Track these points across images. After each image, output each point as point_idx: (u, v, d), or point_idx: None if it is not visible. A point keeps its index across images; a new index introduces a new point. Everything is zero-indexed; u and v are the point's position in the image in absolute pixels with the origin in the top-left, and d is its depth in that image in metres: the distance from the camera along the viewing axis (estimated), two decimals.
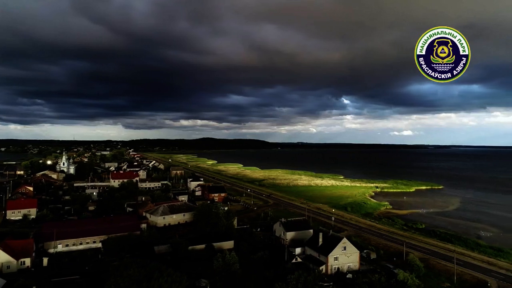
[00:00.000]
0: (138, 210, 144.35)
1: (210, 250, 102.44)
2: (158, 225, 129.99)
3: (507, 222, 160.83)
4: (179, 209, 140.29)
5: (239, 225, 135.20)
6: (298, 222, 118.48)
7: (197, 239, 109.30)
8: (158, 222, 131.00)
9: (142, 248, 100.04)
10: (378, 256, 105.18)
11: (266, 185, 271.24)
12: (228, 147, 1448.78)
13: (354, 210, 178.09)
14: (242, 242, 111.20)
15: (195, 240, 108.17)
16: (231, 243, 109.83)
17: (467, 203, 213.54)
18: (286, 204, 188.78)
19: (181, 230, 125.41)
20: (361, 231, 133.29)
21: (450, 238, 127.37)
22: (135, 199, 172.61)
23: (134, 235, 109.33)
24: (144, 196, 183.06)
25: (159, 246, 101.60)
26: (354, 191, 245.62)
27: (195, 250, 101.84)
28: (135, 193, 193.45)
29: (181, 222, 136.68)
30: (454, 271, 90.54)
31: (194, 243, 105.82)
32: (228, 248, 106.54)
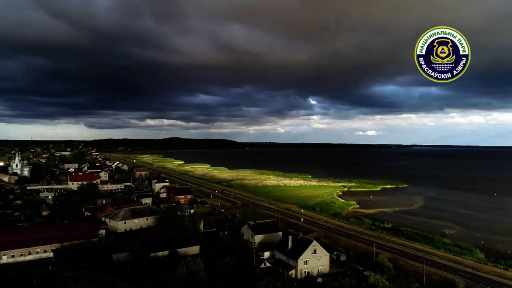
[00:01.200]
0: (96, 214, 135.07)
1: (174, 257, 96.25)
2: (118, 230, 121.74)
3: (467, 219, 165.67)
4: (141, 213, 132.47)
5: (205, 228, 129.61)
6: (266, 225, 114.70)
7: (160, 245, 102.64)
8: (118, 227, 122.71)
9: (99, 257, 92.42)
10: (348, 258, 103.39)
11: (234, 186, 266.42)
12: (196, 147, 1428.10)
13: (322, 210, 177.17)
14: (209, 246, 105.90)
15: (158, 246, 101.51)
16: (197, 248, 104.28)
17: (430, 201, 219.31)
18: (255, 205, 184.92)
19: (144, 236, 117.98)
20: (330, 232, 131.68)
21: (416, 237, 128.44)
22: (95, 203, 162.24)
23: (90, 242, 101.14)
24: (104, 199, 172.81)
25: (118, 254, 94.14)
26: (322, 190, 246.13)
27: (157, 257, 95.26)
28: (95, 196, 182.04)
29: (143, 226, 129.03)
30: (423, 271, 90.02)
31: (157, 249, 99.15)
32: (194, 254, 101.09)
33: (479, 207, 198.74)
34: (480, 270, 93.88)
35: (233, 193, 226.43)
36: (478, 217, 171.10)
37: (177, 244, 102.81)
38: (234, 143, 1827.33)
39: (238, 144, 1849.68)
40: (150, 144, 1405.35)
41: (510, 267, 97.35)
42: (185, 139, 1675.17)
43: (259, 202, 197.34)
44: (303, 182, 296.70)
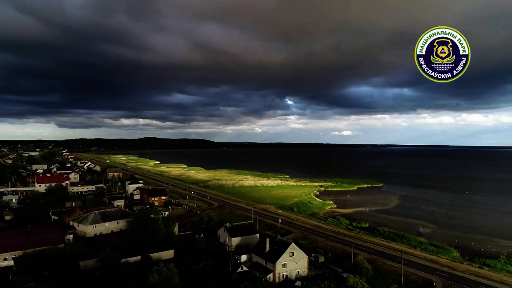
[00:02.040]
0: (64, 218, 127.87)
1: (146, 262, 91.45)
2: (87, 235, 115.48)
3: (441, 218, 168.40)
4: (112, 216, 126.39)
5: (180, 231, 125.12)
6: (244, 227, 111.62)
7: (131, 250, 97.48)
8: (87, 232, 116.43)
9: (65, 264, 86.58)
10: (326, 259, 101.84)
11: (211, 187, 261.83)
12: (172, 147, 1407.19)
13: (300, 210, 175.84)
14: (184, 250, 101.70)
15: (130, 251, 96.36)
16: (171, 252, 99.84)
17: (405, 200, 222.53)
18: (232, 206, 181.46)
19: (114, 240, 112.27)
20: (308, 233, 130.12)
21: (393, 236, 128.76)
22: (63, 206, 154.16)
23: (56, 249, 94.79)
24: (74, 201, 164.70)
25: (86, 260, 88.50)
26: (299, 190, 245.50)
27: (129, 263, 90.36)
28: (64, 199, 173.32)
29: (115, 230, 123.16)
30: (401, 272, 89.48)
31: (128, 254, 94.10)
32: (168, 259, 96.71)
33: (452, 206, 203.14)
34: (456, 269, 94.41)
35: (210, 194, 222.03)
36: (451, 216, 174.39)
37: (150, 249, 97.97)
38: (211, 143, 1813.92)
39: (215, 144, 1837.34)
40: (124, 144, 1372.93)
41: (485, 266, 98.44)
42: (161, 139, 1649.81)
43: (236, 203, 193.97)
44: (281, 182, 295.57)
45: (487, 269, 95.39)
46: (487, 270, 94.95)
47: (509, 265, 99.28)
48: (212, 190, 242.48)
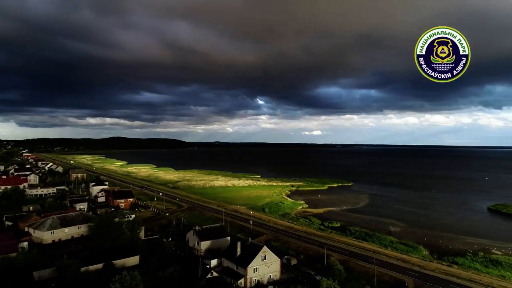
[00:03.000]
0: (18, 224, 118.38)
1: (109, 270, 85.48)
2: (44, 242, 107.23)
3: (409, 216, 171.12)
4: (73, 221, 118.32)
5: (147, 235, 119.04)
6: (214, 230, 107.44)
7: (93, 258, 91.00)
8: (44, 239, 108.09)
9: (18, 275, 79.07)
10: (299, 261, 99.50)
11: (181, 187, 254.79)
12: (141, 147, 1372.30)
13: (271, 211, 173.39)
14: (150, 256, 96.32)
15: (91, 259, 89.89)
16: (136, 258, 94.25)
17: (374, 198, 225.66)
18: (202, 208, 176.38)
19: (75, 247, 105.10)
20: (280, 234, 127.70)
21: (364, 236, 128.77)
22: (19, 210, 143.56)
23: (7, 258, 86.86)
24: (32, 205, 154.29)
25: (41, 270, 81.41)
26: (271, 190, 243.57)
27: (89, 272, 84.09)
28: (20, 203, 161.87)
29: (75, 236, 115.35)
30: (373, 272, 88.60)
31: (89, 262, 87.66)
32: (133, 265, 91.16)
33: (419, 204, 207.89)
34: (427, 268, 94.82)
35: (179, 195, 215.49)
36: (419, 214, 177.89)
37: (113, 255, 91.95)
38: (182, 143, 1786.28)
39: (186, 143, 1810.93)
40: (90, 144, 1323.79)
41: (453, 264, 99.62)
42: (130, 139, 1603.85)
43: (206, 204, 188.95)
44: (252, 182, 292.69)
45: (456, 267, 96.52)
46: (456, 268, 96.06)
47: (476, 263, 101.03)
48: (181, 191, 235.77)
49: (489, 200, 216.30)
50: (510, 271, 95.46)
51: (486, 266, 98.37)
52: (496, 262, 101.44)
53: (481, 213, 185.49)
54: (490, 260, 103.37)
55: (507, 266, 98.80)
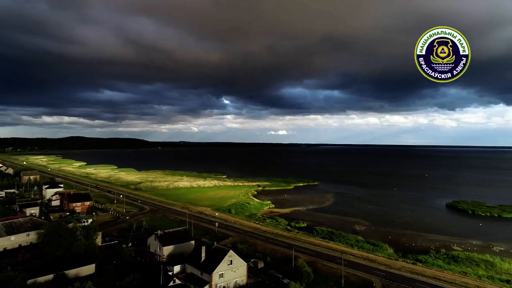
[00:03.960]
0: None
1: (60, 281, 78.43)
2: None
3: (374, 214, 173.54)
4: (21, 227, 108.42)
5: (105, 241, 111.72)
6: (177, 233, 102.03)
7: (42, 268, 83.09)
8: None
9: None
10: (266, 264, 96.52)
11: (143, 189, 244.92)
12: (102, 147, 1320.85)
13: (238, 212, 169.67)
14: (107, 264, 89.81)
15: (40, 270, 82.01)
16: (92, 267, 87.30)
17: (339, 197, 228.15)
18: (165, 210, 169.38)
19: (22, 257, 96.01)
20: (247, 236, 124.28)
21: (331, 235, 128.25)
22: None
23: None
24: None
25: None
26: (237, 191, 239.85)
27: (38, 284, 76.65)
28: None
29: (23, 244, 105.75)
30: (341, 273, 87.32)
31: (38, 273, 79.87)
32: (88, 275, 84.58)
33: (383, 202, 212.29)
34: (393, 267, 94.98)
35: (141, 197, 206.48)
36: (382, 212, 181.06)
37: (66, 265, 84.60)
38: (145, 143, 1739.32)
39: (150, 143, 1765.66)
40: (47, 143, 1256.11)
41: (418, 262, 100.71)
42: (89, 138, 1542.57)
43: (170, 206, 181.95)
44: (218, 182, 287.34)
45: (420, 265, 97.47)
46: (421, 266, 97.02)
47: (438, 260, 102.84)
48: (144, 193, 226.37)
49: (447, 197, 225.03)
50: (470, 267, 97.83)
51: (448, 263, 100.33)
52: (458, 259, 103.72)
53: (440, 210, 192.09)
54: (451, 256, 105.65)
55: (468, 262, 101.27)
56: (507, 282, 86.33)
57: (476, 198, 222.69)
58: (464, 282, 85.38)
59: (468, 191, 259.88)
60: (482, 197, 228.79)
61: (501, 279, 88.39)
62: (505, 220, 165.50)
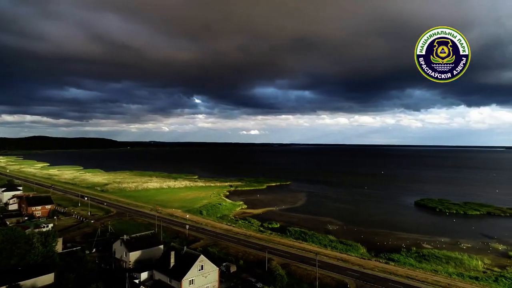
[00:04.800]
0: None
1: None
2: None
3: (345, 213, 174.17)
4: None
5: (66, 247, 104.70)
6: (145, 238, 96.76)
7: None
8: None
9: None
10: (239, 268, 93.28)
11: (110, 191, 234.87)
12: (67, 147, 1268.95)
13: (209, 213, 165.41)
14: (68, 272, 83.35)
15: None
16: (51, 276, 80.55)
17: (311, 197, 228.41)
18: (133, 213, 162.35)
19: None
20: (219, 238, 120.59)
21: (304, 236, 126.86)
22: None
23: None
24: None
25: None
26: (209, 191, 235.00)
27: None
28: None
29: None
30: (315, 275, 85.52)
31: None
32: (46, 285, 78.15)
33: (354, 201, 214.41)
34: (366, 267, 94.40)
35: (108, 200, 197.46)
36: (354, 211, 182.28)
37: (21, 275, 77.54)
38: (114, 143, 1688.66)
39: (118, 143, 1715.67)
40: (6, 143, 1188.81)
41: (390, 261, 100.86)
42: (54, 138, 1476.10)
43: (138, 208, 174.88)
44: (189, 183, 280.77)
45: (393, 264, 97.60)
46: (393, 265, 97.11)
47: (410, 258, 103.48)
48: (110, 195, 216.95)
49: (415, 196, 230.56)
50: (441, 265, 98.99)
51: (419, 261, 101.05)
52: (428, 256, 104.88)
53: (409, 208, 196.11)
54: (422, 255, 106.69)
55: (438, 260, 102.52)
56: (476, 279, 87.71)
57: (442, 196, 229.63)
58: (436, 281, 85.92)
59: (434, 189, 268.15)
60: (447, 195, 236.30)
61: (470, 276, 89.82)
62: (470, 217, 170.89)
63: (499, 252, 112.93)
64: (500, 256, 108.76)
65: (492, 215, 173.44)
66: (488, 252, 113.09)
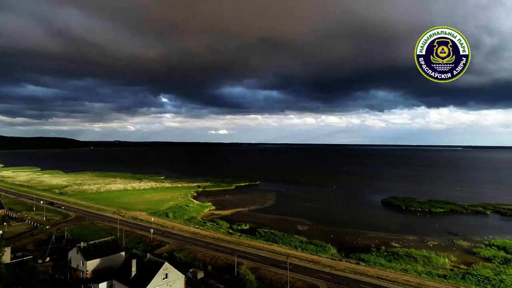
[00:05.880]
0: None
1: None
2: None
3: (315, 213, 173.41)
4: None
5: (16, 256, 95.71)
6: (104, 245, 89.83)
7: None
8: None
9: None
10: (206, 274, 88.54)
11: (70, 193, 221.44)
12: (25, 147, 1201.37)
13: (176, 215, 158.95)
14: (16, 285, 75.37)
15: None
16: None
17: (280, 196, 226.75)
18: (94, 217, 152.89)
19: None
20: (186, 242, 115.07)
21: (274, 237, 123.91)
22: None
23: None
24: None
25: None
26: (176, 193, 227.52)
27: None
28: None
29: None
30: (286, 279, 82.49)
31: None
32: None
33: (323, 200, 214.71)
34: (337, 269, 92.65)
35: (67, 203, 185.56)
36: (323, 210, 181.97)
37: None
38: (76, 142, 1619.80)
39: (81, 143, 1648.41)
40: None
41: (360, 261, 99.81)
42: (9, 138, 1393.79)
43: (100, 212, 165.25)
44: (155, 184, 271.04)
45: (363, 265, 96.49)
46: (364, 265, 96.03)
47: (380, 258, 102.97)
48: (70, 198, 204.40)
49: (381, 194, 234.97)
50: (410, 263, 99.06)
51: (389, 261, 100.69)
52: (397, 255, 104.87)
53: (376, 207, 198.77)
54: (391, 254, 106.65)
55: (407, 258, 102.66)
56: (444, 277, 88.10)
57: (407, 194, 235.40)
58: (406, 280, 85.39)
59: (399, 187, 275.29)
60: (412, 193, 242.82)
61: (439, 274, 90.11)
62: (434, 214, 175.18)
63: (464, 249, 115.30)
64: (465, 253, 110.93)
65: (455, 212, 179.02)
66: (454, 249, 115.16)
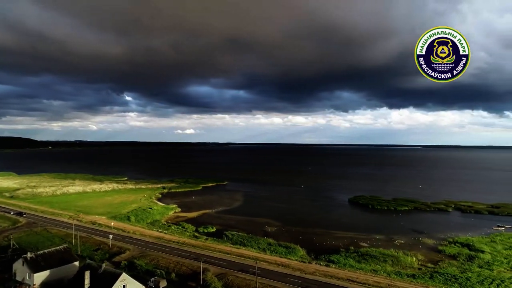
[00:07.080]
0: None
1: None
2: None
3: (283, 214, 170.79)
4: None
5: None
6: (55, 254, 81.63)
7: None
8: None
9: None
10: (169, 282, 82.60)
11: (22, 197, 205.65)
12: None
13: (138, 219, 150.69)
14: None
15: None
16: None
17: (248, 197, 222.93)
18: (47, 222, 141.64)
19: None
20: (148, 248, 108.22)
21: (242, 240, 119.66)
22: None
23: None
24: None
25: None
26: (139, 194, 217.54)
27: None
28: None
29: None
30: (255, 285, 78.59)
31: None
32: None
33: (290, 200, 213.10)
34: (307, 272, 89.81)
35: (17, 207, 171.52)
36: (291, 211, 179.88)
37: None
38: (33, 142, 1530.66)
39: (38, 143, 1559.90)
40: None
41: (330, 263, 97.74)
42: None
43: (55, 216, 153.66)
44: (117, 185, 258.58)
45: (333, 266, 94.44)
46: (334, 267, 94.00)
47: (350, 259, 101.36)
48: (22, 202, 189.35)
49: (348, 193, 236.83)
50: (379, 264, 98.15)
51: (359, 261, 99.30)
52: (366, 256, 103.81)
53: (344, 206, 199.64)
54: (361, 254, 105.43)
55: (376, 258, 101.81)
56: (413, 277, 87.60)
57: (372, 192, 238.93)
58: (376, 282, 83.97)
59: (364, 186, 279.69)
60: (377, 191, 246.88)
61: (408, 274, 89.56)
62: (400, 212, 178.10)
63: (430, 247, 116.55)
64: (431, 251, 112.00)
65: (419, 210, 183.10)
66: (420, 247, 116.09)
